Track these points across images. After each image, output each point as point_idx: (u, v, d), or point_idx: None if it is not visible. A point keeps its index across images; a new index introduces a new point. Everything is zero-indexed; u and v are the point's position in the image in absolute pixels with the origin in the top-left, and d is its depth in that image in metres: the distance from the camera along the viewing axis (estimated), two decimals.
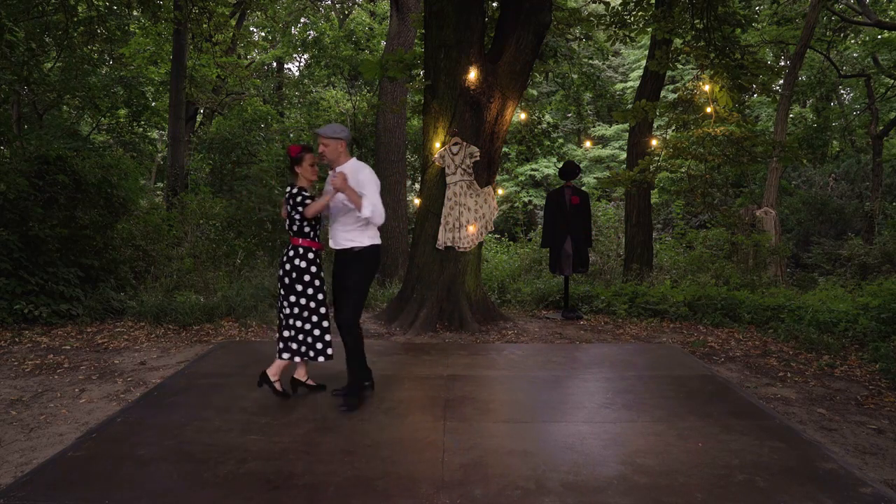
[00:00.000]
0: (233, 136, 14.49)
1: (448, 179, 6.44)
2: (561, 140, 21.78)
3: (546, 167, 21.38)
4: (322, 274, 4.00)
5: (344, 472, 3.02)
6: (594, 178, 20.66)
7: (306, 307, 3.94)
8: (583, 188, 12.43)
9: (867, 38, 17.75)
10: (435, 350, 5.51)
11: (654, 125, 13.08)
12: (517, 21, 6.42)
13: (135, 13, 12.57)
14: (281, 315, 4.00)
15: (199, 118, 19.76)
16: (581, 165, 17.18)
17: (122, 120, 15.50)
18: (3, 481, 2.99)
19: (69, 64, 10.98)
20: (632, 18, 8.82)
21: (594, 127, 24.03)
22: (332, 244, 4.02)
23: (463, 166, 6.38)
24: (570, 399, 4.23)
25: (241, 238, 9.99)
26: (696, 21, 7.56)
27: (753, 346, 6.02)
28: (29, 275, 6.27)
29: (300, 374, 4.23)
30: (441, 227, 6.46)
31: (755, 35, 16.97)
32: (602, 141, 24.23)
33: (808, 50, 15.52)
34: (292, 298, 3.93)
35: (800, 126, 19.74)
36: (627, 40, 9.44)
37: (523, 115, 12.44)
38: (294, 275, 3.91)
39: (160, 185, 19.43)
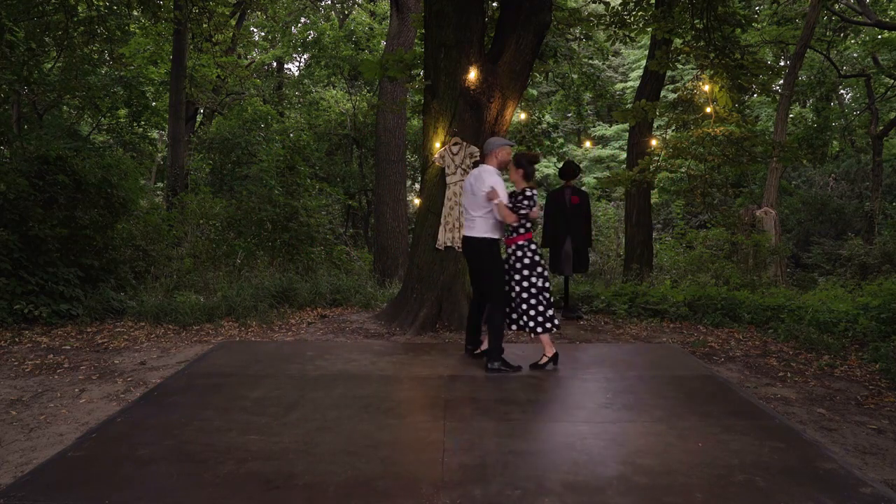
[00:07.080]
0: (233, 136, 14.51)
1: (448, 179, 6.44)
2: (561, 140, 21.76)
3: (546, 167, 21.39)
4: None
5: (344, 472, 3.02)
6: (594, 178, 20.67)
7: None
8: (583, 188, 12.43)
9: (867, 38, 17.74)
10: (435, 350, 5.51)
11: (654, 125, 13.09)
12: (517, 21, 6.41)
13: (135, 13, 12.57)
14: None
15: (199, 118, 19.75)
16: (581, 165, 17.18)
17: (122, 120, 15.50)
18: (3, 481, 2.99)
19: (69, 64, 10.98)
20: (632, 18, 8.82)
21: (594, 127, 24.04)
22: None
23: (463, 166, 6.38)
24: (570, 399, 4.23)
25: (241, 238, 9.99)
26: (696, 21, 7.56)
27: (753, 346, 6.02)
28: (29, 275, 6.27)
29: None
30: (441, 227, 6.45)
31: (755, 35, 16.97)
32: (602, 141, 24.24)
33: (808, 50, 15.52)
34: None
35: (800, 126, 19.71)
36: (627, 40, 9.45)
37: (523, 115, 12.44)
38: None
39: (160, 185, 19.42)
